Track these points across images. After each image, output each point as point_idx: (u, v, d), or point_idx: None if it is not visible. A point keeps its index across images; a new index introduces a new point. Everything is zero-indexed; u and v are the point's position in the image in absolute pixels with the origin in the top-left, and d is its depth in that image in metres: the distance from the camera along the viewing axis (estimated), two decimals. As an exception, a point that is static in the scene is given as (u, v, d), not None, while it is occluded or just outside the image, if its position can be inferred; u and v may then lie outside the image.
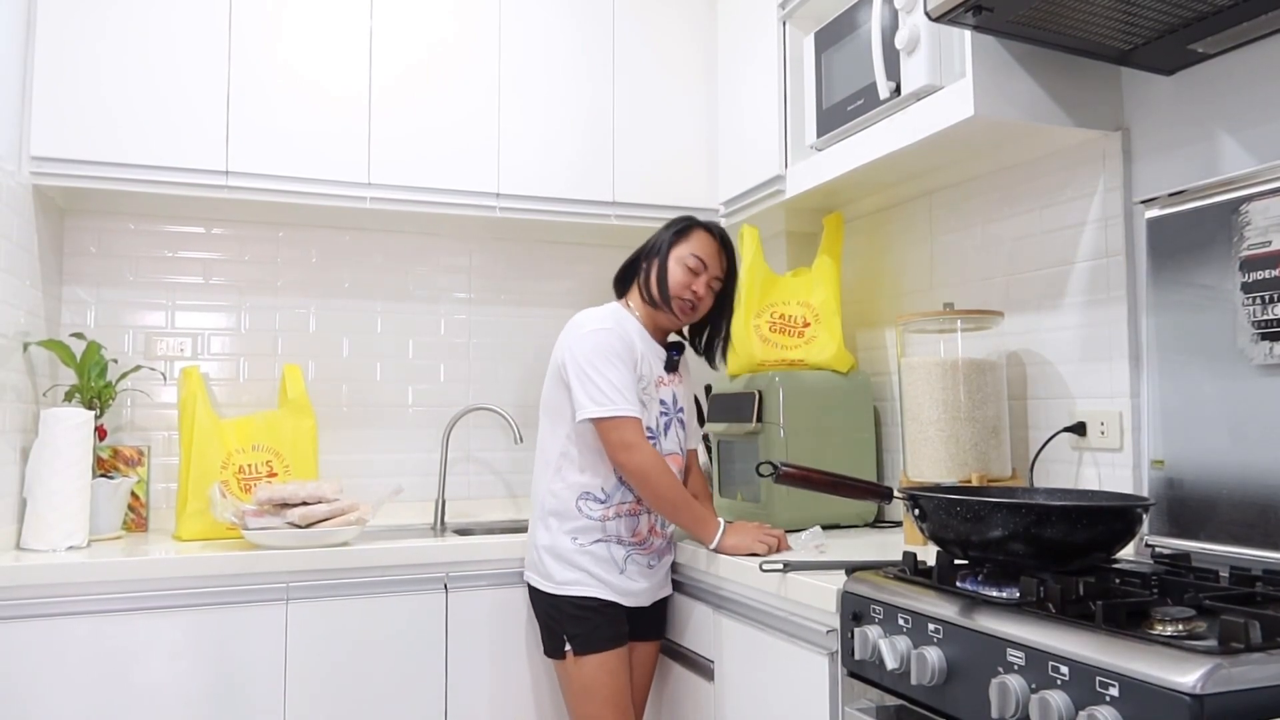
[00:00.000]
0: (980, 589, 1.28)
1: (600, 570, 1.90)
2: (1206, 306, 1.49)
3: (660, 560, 1.99)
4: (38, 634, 1.79)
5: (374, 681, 2.01)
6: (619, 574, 1.91)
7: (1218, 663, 0.91)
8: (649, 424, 1.92)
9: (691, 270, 1.95)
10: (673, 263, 1.96)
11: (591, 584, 1.90)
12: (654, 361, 1.97)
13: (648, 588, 1.96)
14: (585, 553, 1.90)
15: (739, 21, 2.53)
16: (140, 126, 2.16)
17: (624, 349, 1.88)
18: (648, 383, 1.93)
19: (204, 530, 2.11)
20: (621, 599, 1.92)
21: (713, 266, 1.98)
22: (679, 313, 1.96)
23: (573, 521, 1.91)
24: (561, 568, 1.91)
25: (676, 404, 2.01)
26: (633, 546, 1.93)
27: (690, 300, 1.95)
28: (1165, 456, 1.55)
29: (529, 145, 2.50)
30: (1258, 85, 1.52)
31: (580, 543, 1.90)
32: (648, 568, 1.96)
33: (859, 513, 2.20)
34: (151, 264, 2.49)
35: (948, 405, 1.84)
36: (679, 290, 1.94)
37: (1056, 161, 1.88)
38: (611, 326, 1.89)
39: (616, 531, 1.91)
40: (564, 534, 1.91)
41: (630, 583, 1.93)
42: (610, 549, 1.91)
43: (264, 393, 2.55)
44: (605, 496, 1.91)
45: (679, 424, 2.02)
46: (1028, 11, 1.43)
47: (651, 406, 1.94)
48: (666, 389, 1.99)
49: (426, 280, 2.75)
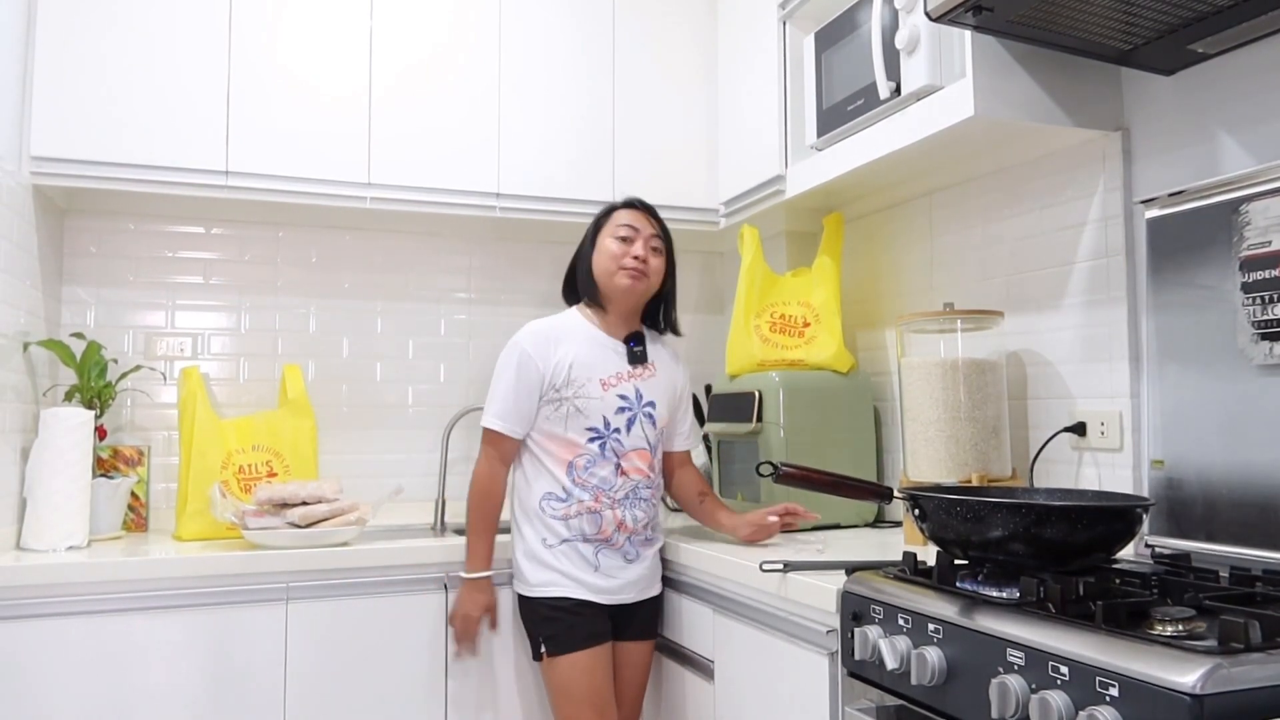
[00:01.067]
0: (980, 589, 1.28)
1: (573, 569, 1.91)
2: (1206, 306, 1.49)
3: (640, 555, 1.98)
4: (38, 634, 1.79)
5: (374, 681, 2.01)
6: (594, 571, 1.92)
7: (1218, 663, 0.91)
8: (594, 424, 1.92)
9: (624, 239, 1.95)
10: (603, 243, 1.97)
11: (565, 584, 1.91)
12: (603, 360, 1.95)
13: (628, 583, 1.95)
14: (555, 553, 1.92)
15: (739, 21, 2.53)
16: (140, 126, 2.16)
17: (519, 360, 1.91)
18: (586, 382, 1.92)
19: (204, 530, 2.11)
20: (598, 596, 1.92)
21: (644, 228, 1.96)
22: (632, 281, 1.93)
23: (540, 523, 1.94)
24: (535, 569, 1.94)
25: (642, 399, 1.98)
26: (600, 543, 1.93)
27: (635, 266, 1.93)
28: (1165, 456, 1.55)
29: (529, 145, 2.50)
30: (1258, 85, 1.52)
31: (549, 543, 1.93)
32: (625, 562, 1.95)
33: (859, 513, 2.20)
34: (151, 264, 2.49)
35: (948, 405, 1.84)
36: (617, 261, 1.93)
37: (1056, 161, 1.88)
38: (518, 342, 1.94)
39: (580, 529, 1.92)
40: (534, 537, 1.94)
41: (607, 579, 1.93)
42: (578, 548, 1.92)
43: (264, 393, 2.55)
44: (565, 495, 1.93)
45: (646, 419, 1.98)
46: (1028, 11, 1.43)
47: (597, 407, 1.92)
48: (628, 384, 1.96)
49: (426, 280, 2.75)
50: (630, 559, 1.96)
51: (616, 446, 1.94)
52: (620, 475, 1.95)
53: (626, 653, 2.01)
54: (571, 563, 1.92)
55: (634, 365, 1.98)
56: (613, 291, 1.96)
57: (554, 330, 1.97)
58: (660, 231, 2.00)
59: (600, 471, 1.93)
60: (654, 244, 1.98)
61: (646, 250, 1.96)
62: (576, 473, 1.93)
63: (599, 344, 1.97)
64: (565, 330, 1.97)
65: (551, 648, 1.91)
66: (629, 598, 1.97)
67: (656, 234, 1.99)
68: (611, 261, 1.94)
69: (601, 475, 1.94)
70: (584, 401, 1.92)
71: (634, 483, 1.96)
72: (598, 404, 1.93)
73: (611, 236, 1.96)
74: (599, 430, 1.94)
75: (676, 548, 2.02)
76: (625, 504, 1.95)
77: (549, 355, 1.93)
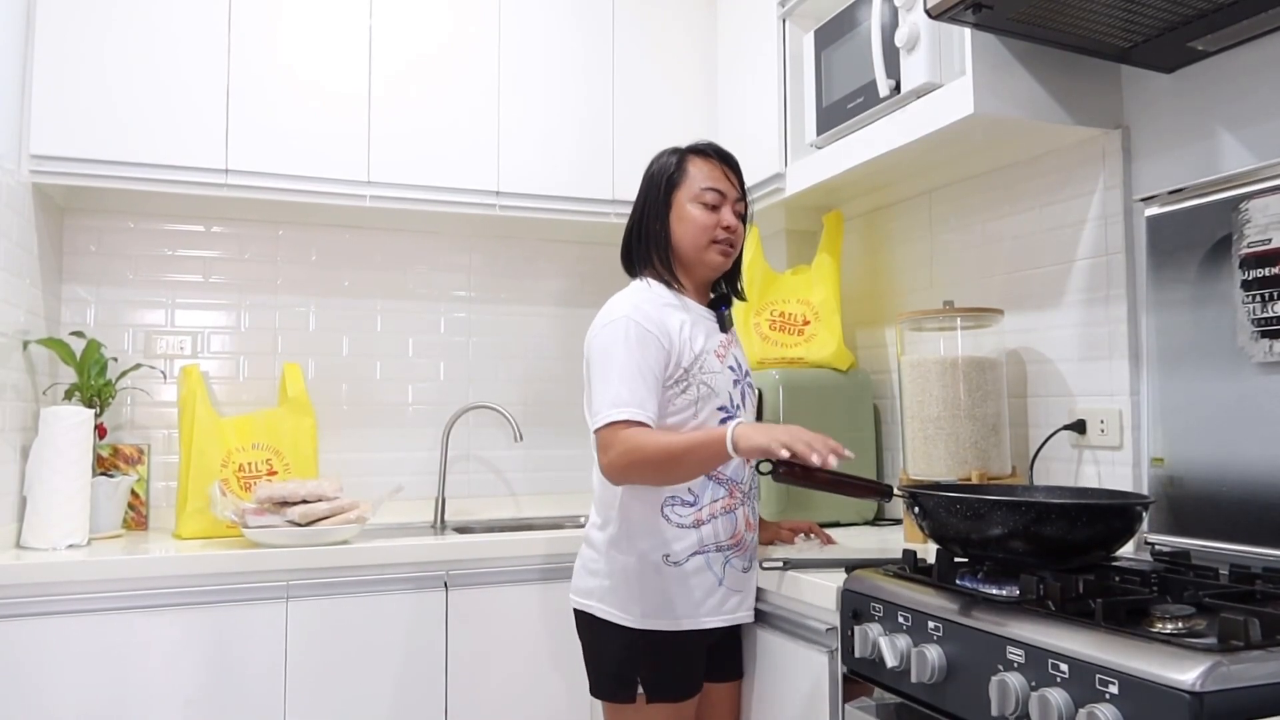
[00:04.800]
0: (980, 587, 1.28)
1: (695, 593, 1.59)
2: (1206, 304, 1.49)
3: (753, 562, 1.67)
4: (38, 632, 1.79)
5: (374, 680, 2.01)
6: (717, 587, 1.60)
7: (1217, 660, 0.91)
8: (724, 402, 1.62)
9: (712, 206, 1.66)
10: (687, 209, 1.66)
11: (683, 615, 1.58)
12: (708, 330, 1.66)
13: (745, 596, 1.65)
14: (680, 572, 1.58)
15: (739, 19, 2.53)
16: (140, 125, 2.16)
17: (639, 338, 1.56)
18: (704, 355, 1.62)
19: (204, 528, 2.11)
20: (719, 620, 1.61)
21: (730, 191, 1.68)
22: (722, 257, 1.67)
23: (661, 536, 1.58)
24: (646, 596, 1.58)
25: (742, 367, 1.71)
26: (730, 550, 1.62)
27: (726, 239, 1.66)
28: (1165, 454, 1.55)
29: (529, 143, 2.50)
30: (1257, 83, 1.52)
31: (674, 559, 1.58)
32: (743, 572, 1.64)
33: (859, 510, 2.20)
34: (151, 262, 2.49)
35: (948, 403, 1.84)
36: (708, 233, 1.65)
37: (1056, 159, 1.87)
38: (627, 316, 1.58)
39: (715, 536, 1.60)
40: (650, 553, 1.58)
41: (728, 596, 1.62)
42: (709, 560, 1.59)
43: (264, 391, 2.55)
44: (694, 497, 1.60)
45: (749, 389, 1.72)
46: (1027, 9, 1.43)
47: (722, 379, 1.63)
48: (728, 352, 1.67)
49: (426, 279, 2.75)
50: (747, 569, 1.65)
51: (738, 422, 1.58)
52: (746, 462, 1.65)
53: (720, 694, 1.70)
54: (696, 584, 1.59)
55: (724, 333, 1.71)
56: (701, 266, 1.68)
57: (656, 301, 1.63)
58: (741, 191, 1.71)
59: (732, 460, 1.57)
60: (739, 208, 1.70)
61: (734, 218, 1.68)
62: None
63: (698, 313, 1.68)
64: (665, 301, 1.64)
65: (655, 694, 1.57)
66: (743, 616, 1.65)
67: (740, 196, 1.70)
68: (702, 234, 1.65)
69: (733, 465, 1.62)
70: (711, 377, 1.61)
71: (752, 467, 1.66)
72: (722, 379, 1.63)
73: (695, 201, 1.66)
74: (729, 408, 1.64)
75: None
76: (752, 497, 1.67)
77: (668, 329, 1.59)
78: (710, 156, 1.69)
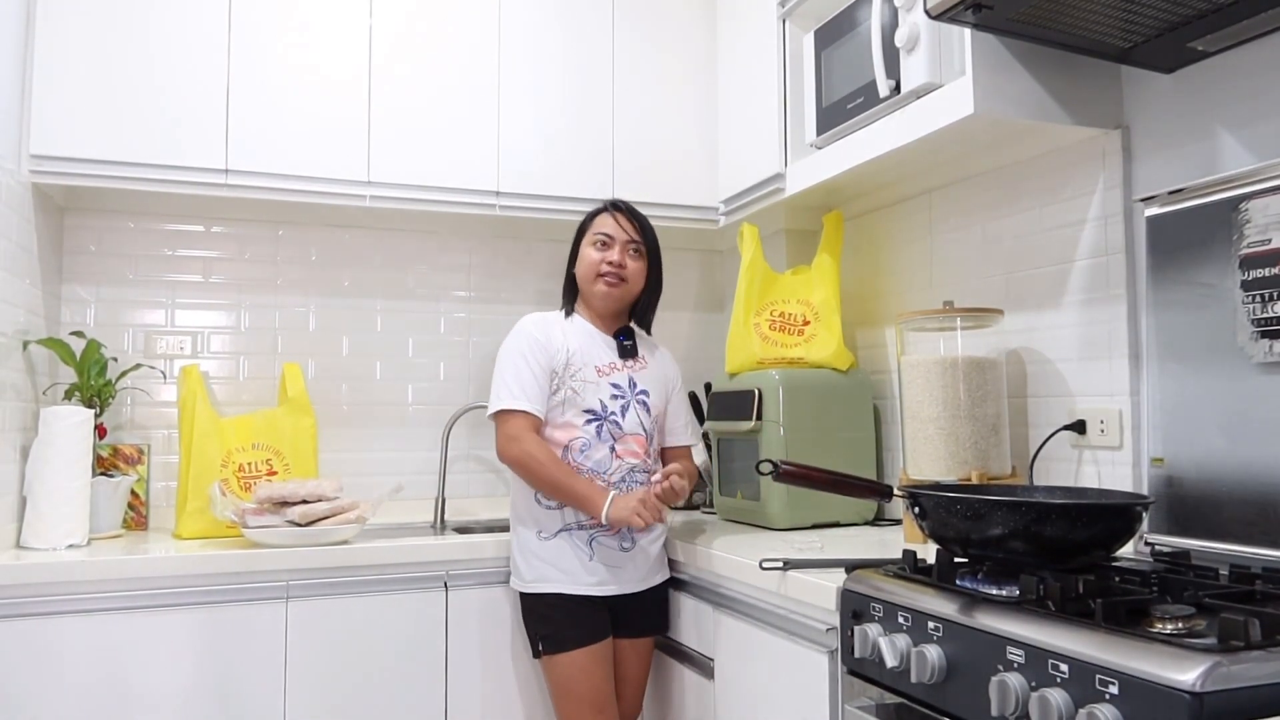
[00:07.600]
0: (980, 587, 1.28)
1: (566, 563, 1.92)
2: (1206, 304, 1.49)
3: (637, 543, 1.97)
4: (38, 632, 1.79)
5: (374, 680, 2.01)
6: (588, 562, 1.92)
7: (1217, 660, 0.91)
8: (591, 405, 1.95)
9: (602, 244, 2.01)
10: (584, 250, 2.04)
11: (559, 578, 1.92)
12: (597, 350, 2.01)
13: (624, 573, 1.95)
14: (550, 546, 1.93)
15: (739, 19, 2.53)
16: (140, 124, 2.16)
17: (529, 345, 1.95)
18: (583, 368, 1.96)
19: (204, 529, 2.11)
20: (593, 590, 1.92)
21: (621, 235, 2.02)
22: (609, 288, 2.00)
23: (534, 514, 1.95)
24: (530, 564, 1.95)
25: (636, 387, 2.02)
26: (595, 529, 1.93)
27: (612, 272, 1.99)
28: (1165, 454, 1.55)
29: (528, 143, 2.50)
30: (1257, 83, 1.52)
31: (544, 535, 1.94)
32: (620, 550, 1.95)
33: (859, 511, 2.21)
34: (151, 262, 2.49)
35: (947, 403, 1.84)
36: (595, 268, 2.00)
37: (1056, 159, 1.87)
38: (521, 328, 1.99)
39: (576, 517, 1.92)
40: (529, 531, 1.95)
41: (603, 570, 1.93)
42: (573, 538, 1.92)
43: (264, 391, 2.55)
44: None
45: (640, 406, 2.01)
46: (1027, 9, 1.43)
47: (593, 391, 1.96)
48: (620, 374, 2.01)
49: (426, 278, 2.75)
50: (627, 548, 1.96)
51: (614, 430, 1.96)
52: (615, 458, 1.96)
53: (626, 649, 2.01)
54: (566, 556, 1.92)
55: (624, 359, 2.04)
56: (592, 297, 2.03)
57: (552, 321, 2.03)
58: (639, 235, 2.04)
59: (595, 455, 1.94)
60: (631, 248, 2.03)
61: (623, 255, 2.01)
62: (571, 456, 1.94)
63: (592, 336, 2.03)
64: (562, 322, 2.04)
65: (549, 647, 1.92)
66: (628, 588, 1.96)
67: (633, 239, 2.03)
68: (590, 269, 2.01)
69: (596, 459, 1.94)
70: (580, 384, 1.96)
71: (629, 465, 1.97)
72: (594, 388, 1.97)
73: (590, 244, 2.03)
74: (597, 412, 1.96)
75: (676, 545, 2.03)
76: (620, 488, 1.94)
77: (551, 341, 1.97)
78: (608, 210, 2.07)
